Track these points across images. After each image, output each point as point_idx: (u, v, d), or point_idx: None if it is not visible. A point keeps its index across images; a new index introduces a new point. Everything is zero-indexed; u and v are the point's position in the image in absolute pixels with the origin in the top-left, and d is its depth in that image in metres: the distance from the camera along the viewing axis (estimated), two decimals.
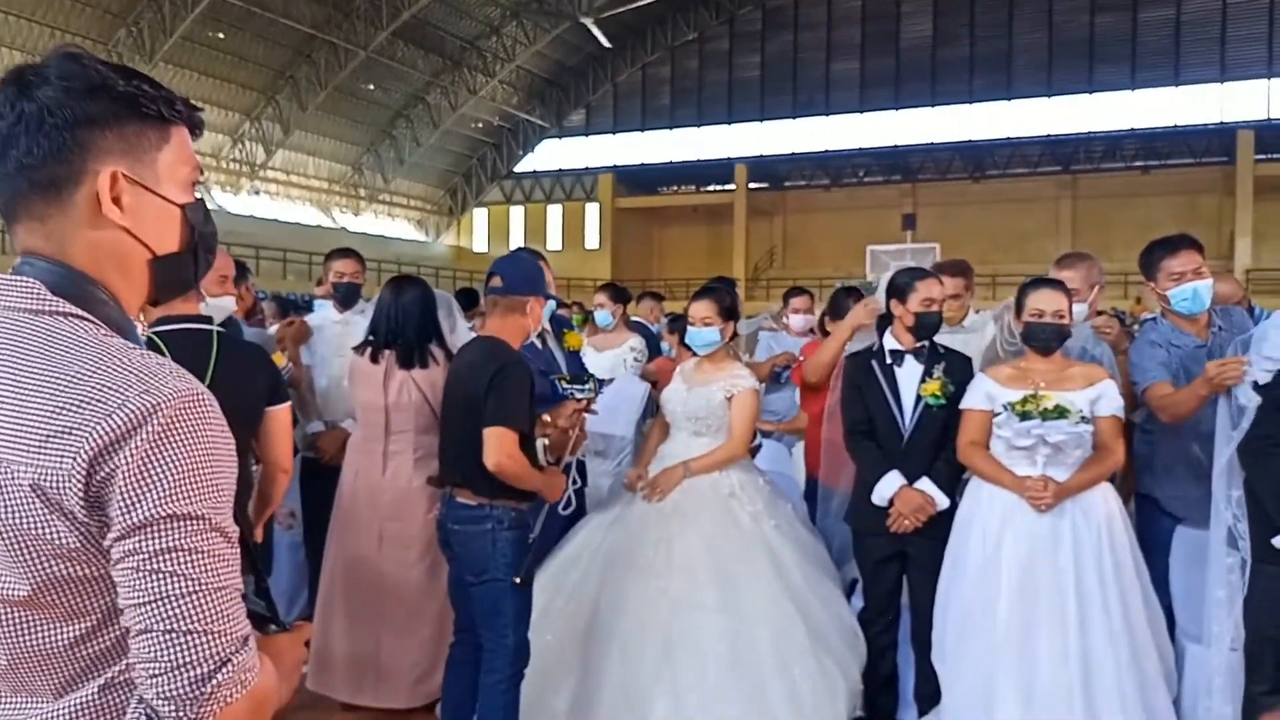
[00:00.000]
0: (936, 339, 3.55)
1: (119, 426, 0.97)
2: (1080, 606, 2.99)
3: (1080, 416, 3.03)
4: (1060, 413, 3.01)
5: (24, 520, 0.98)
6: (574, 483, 3.39)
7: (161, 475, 0.97)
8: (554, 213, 35.37)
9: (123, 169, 1.08)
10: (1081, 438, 3.06)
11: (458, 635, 3.17)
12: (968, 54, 29.15)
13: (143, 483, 0.97)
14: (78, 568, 1.00)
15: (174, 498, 0.97)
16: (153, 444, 0.97)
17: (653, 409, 4.64)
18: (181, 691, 0.96)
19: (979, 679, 3.10)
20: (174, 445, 0.98)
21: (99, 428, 0.96)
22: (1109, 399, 3.17)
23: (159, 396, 0.99)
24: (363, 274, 4.66)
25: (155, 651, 0.96)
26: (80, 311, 1.06)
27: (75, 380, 0.99)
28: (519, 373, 2.89)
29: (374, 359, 3.78)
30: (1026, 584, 3.06)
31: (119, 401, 0.98)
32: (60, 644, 1.03)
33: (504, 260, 3.16)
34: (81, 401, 0.98)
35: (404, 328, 3.77)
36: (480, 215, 36.59)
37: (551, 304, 3.21)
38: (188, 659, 0.96)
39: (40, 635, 1.03)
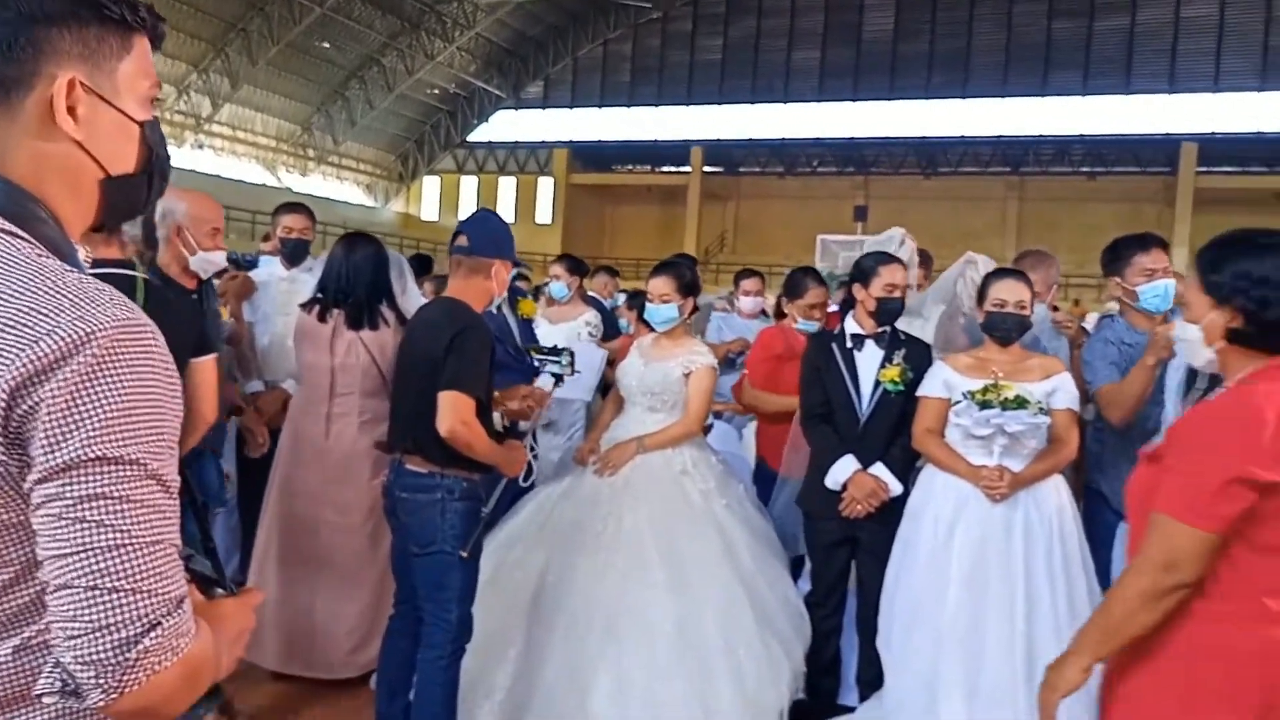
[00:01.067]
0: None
1: (46, 354, 0.86)
2: (1029, 598, 3.00)
3: (1039, 408, 3.03)
4: (1020, 403, 3.00)
5: None
6: (531, 452, 3.30)
7: (92, 412, 0.87)
8: (506, 185, 34.96)
9: (80, 76, 0.98)
10: (1039, 429, 3.06)
11: (398, 607, 3.07)
12: (927, 50, 29.37)
13: (70, 419, 0.86)
14: None
15: (105, 438, 0.87)
16: (84, 376, 0.87)
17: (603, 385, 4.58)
18: (103, 656, 0.86)
19: (924, 666, 3.10)
20: (108, 379, 0.88)
21: (23, 355, 0.86)
22: (1065, 392, 3.18)
23: (94, 324, 0.88)
24: (312, 230, 4.50)
25: (75, 610, 0.86)
26: (14, 229, 0.95)
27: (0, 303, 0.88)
28: (480, 336, 2.79)
29: (321, 318, 3.65)
30: (976, 573, 3.06)
31: (48, 327, 0.87)
32: None
33: (471, 220, 3.04)
34: (5, 325, 0.87)
35: (354, 287, 3.64)
36: (431, 183, 36.01)
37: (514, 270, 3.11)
38: (112, 620, 0.86)
39: None
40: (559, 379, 3.35)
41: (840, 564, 3.54)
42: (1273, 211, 24.85)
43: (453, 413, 2.71)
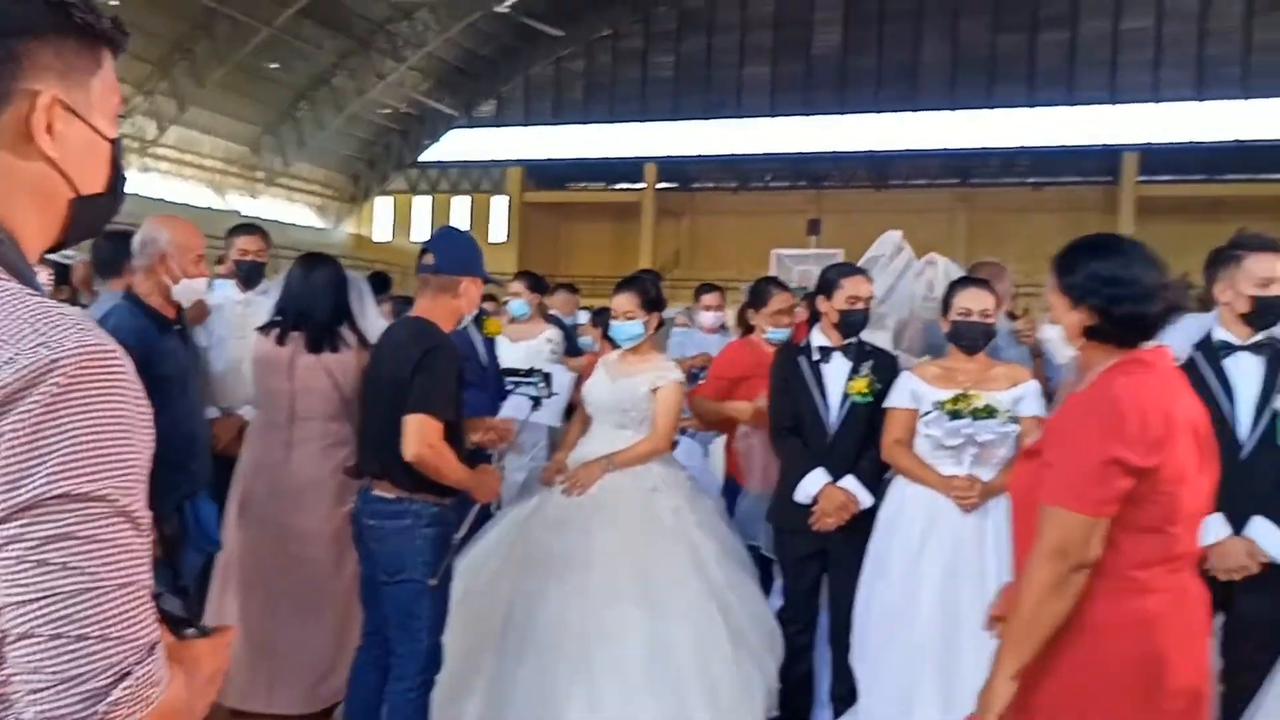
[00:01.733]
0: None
1: (6, 384, 0.81)
2: None
3: (1009, 416, 3.04)
4: (990, 412, 3.02)
5: None
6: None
7: (56, 445, 0.81)
8: (460, 204, 34.75)
9: (58, 92, 0.93)
10: (1008, 437, 3.07)
11: (366, 637, 2.98)
12: (875, 65, 29.77)
13: (32, 454, 0.80)
14: None
15: (70, 474, 0.81)
16: (48, 406, 0.81)
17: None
18: (70, 710, 0.80)
19: (899, 680, 3.09)
20: (74, 409, 0.82)
21: None
22: (1031, 399, 3.20)
23: (58, 350, 0.83)
24: (267, 252, 4.41)
25: (39, 661, 0.80)
26: None
27: None
28: (447, 357, 2.73)
29: (280, 341, 3.56)
30: (949, 585, 3.05)
31: (7, 354, 0.82)
32: None
33: (437, 237, 2.98)
34: None
35: (314, 309, 3.56)
36: (383, 204, 35.70)
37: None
38: (79, 670, 0.80)
39: None
40: (536, 402, 3.29)
41: (812, 578, 3.52)
42: (1212, 218, 25.44)
43: (419, 436, 2.64)
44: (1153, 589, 1.86)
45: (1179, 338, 2.81)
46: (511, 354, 4.93)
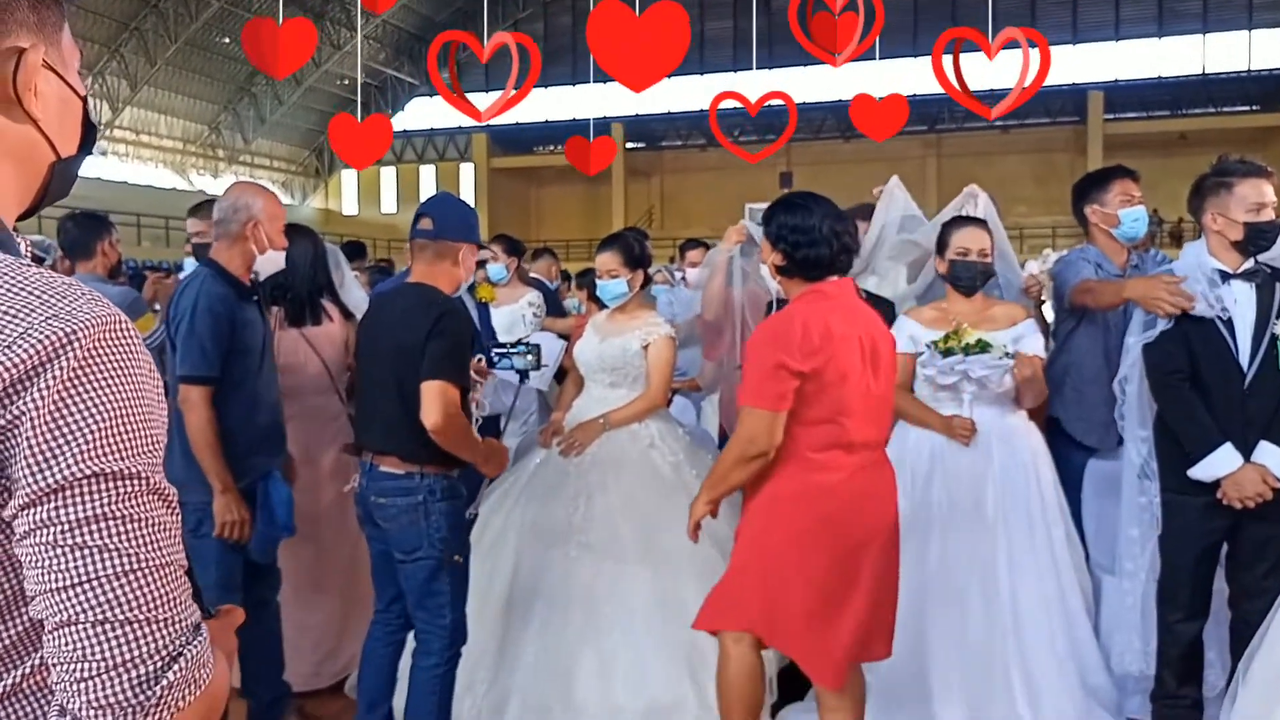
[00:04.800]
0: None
1: (23, 361, 0.76)
2: (1010, 546, 3.00)
3: (1004, 352, 3.01)
4: (983, 347, 2.98)
5: None
6: None
7: (83, 423, 0.77)
8: (427, 173, 34.37)
9: (41, 49, 0.88)
10: (1004, 371, 3.03)
11: (378, 615, 2.91)
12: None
13: (58, 433, 0.76)
14: None
15: (100, 451, 0.77)
16: (69, 382, 0.77)
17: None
18: (122, 697, 0.77)
19: (909, 621, 3.07)
20: (97, 384, 0.78)
21: None
22: (1031, 338, 3.17)
23: (74, 322, 0.78)
24: None
25: (84, 649, 0.77)
26: None
27: None
28: (461, 321, 2.64)
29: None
30: (957, 525, 3.04)
31: (21, 329, 0.77)
32: None
33: (434, 202, 2.86)
34: None
35: (292, 281, 3.47)
36: (349, 177, 35.21)
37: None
38: (129, 656, 0.77)
39: None
40: (524, 375, 3.22)
41: None
42: (1177, 152, 25.63)
43: (440, 403, 2.52)
44: (827, 468, 2.39)
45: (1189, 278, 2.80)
46: (493, 318, 4.85)
